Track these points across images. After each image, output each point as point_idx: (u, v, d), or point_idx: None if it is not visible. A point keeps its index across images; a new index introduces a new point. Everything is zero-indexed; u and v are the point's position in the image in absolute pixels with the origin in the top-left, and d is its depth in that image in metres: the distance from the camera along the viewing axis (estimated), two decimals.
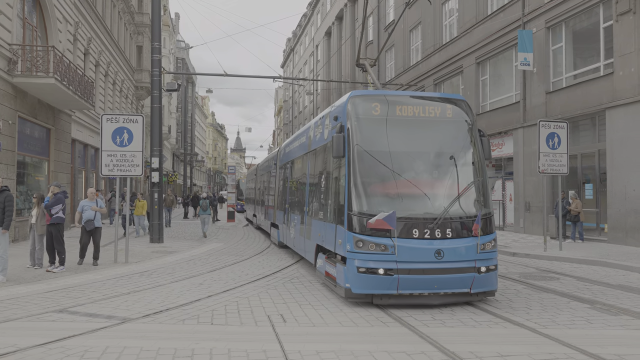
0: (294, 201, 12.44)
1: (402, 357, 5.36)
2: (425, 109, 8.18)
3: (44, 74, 15.61)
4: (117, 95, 29.06)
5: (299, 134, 12.92)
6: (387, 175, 7.72)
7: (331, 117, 8.86)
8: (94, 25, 23.58)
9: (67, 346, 5.52)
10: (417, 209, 7.60)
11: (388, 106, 8.04)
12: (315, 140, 10.21)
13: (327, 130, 9.14)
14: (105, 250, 13.03)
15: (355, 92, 8.34)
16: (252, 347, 5.56)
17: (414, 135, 8.08)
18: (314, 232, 9.79)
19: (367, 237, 7.29)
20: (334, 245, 8.18)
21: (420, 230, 7.34)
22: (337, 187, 8.17)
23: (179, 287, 8.99)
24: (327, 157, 9.00)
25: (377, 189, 7.77)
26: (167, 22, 53.36)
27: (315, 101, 49.45)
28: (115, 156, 11.92)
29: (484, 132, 8.54)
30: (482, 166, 8.20)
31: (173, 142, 57.86)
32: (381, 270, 7.18)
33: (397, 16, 29.61)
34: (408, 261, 7.21)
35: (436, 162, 8.06)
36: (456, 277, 7.34)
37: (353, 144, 7.75)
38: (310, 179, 10.49)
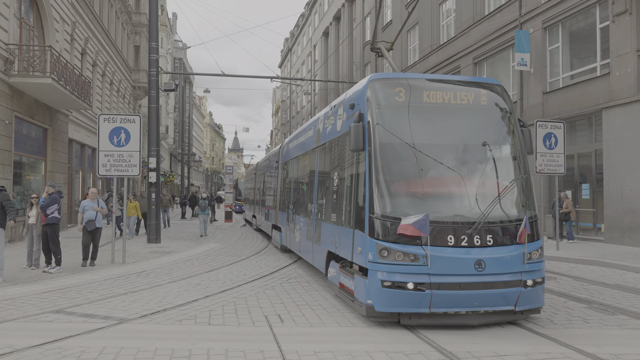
0: (300, 202, 11.42)
1: (400, 357, 5.37)
2: (456, 94, 7.06)
3: (40, 74, 15.57)
4: (114, 95, 29.01)
5: (305, 127, 11.72)
6: (415, 171, 6.68)
7: (346, 105, 7.80)
8: (91, 25, 23.54)
9: (64, 347, 5.51)
10: (451, 211, 6.56)
11: (414, 91, 6.96)
12: (326, 134, 9.12)
13: (341, 121, 8.11)
14: (103, 251, 13.00)
15: (375, 75, 7.18)
16: (249, 348, 5.56)
17: (444, 125, 6.97)
18: (325, 236, 8.72)
19: (393, 245, 6.22)
20: (350, 254, 7.08)
21: (456, 237, 6.30)
22: (355, 185, 7.10)
23: (177, 288, 8.98)
24: (341, 151, 7.98)
25: (403, 187, 6.70)
26: (165, 22, 53.32)
27: (312, 101, 49.46)
28: (112, 156, 11.89)
29: (524, 121, 7.50)
30: (524, 161, 7.11)
31: (170, 142, 57.80)
32: (410, 285, 6.13)
33: (394, 16, 29.67)
34: (443, 274, 6.17)
35: (471, 157, 6.97)
36: (499, 293, 6.28)
37: (374, 135, 6.68)
38: (320, 177, 9.45)
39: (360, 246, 6.67)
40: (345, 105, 7.83)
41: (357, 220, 6.86)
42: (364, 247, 6.51)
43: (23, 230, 10.94)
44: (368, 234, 6.44)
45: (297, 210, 11.69)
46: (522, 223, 6.45)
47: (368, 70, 33.81)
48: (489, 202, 6.57)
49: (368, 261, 6.39)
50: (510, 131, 7.19)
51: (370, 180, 6.56)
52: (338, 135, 8.21)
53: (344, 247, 7.43)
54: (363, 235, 6.58)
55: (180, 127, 58.93)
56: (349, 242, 7.18)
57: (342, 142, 7.88)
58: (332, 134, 8.61)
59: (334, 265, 8.18)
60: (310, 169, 10.43)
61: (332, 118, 8.74)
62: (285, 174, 13.99)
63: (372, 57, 32.90)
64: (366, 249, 6.45)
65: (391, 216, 6.37)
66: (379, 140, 6.70)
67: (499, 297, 6.31)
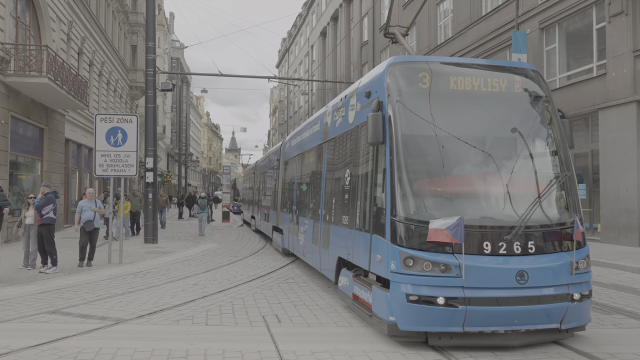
0: (305, 202, 10.65)
1: (397, 357, 5.37)
2: (486, 80, 6.32)
3: (37, 74, 15.53)
4: (111, 95, 28.96)
5: (309, 122, 10.90)
6: (443, 168, 5.95)
7: (360, 93, 7.03)
8: (88, 25, 23.49)
9: (60, 347, 5.49)
10: (486, 213, 5.84)
11: (439, 77, 6.24)
12: (335, 127, 8.35)
13: (354, 112, 7.30)
14: (99, 251, 12.97)
15: (395, 58, 6.41)
16: (246, 348, 5.55)
17: (474, 115, 6.25)
18: (335, 241, 7.95)
19: (420, 253, 5.46)
20: (367, 262, 6.30)
21: (493, 244, 5.55)
22: (372, 184, 6.34)
23: (174, 288, 8.97)
24: (354, 146, 7.20)
25: (430, 186, 5.94)
26: (162, 21, 53.24)
27: (310, 101, 49.46)
28: (109, 156, 11.88)
29: (564, 112, 6.78)
30: (566, 156, 6.36)
31: (168, 142, 57.72)
32: (441, 300, 5.36)
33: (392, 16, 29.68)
34: (479, 287, 5.42)
35: (506, 151, 6.24)
36: (544, 309, 5.52)
37: (396, 126, 5.91)
38: (328, 175, 8.67)
39: (380, 254, 5.90)
40: (360, 94, 7.07)
41: (376, 224, 6.11)
42: (385, 255, 5.77)
43: (19, 231, 10.85)
44: (390, 240, 5.67)
45: (301, 212, 10.96)
46: (565, 227, 5.82)
47: (365, 70, 33.82)
48: (529, 203, 5.81)
49: (390, 271, 5.62)
50: (548, 122, 6.46)
51: (392, 177, 5.79)
52: (350, 128, 7.44)
53: (359, 254, 6.68)
54: (383, 241, 5.82)
55: (177, 127, 58.89)
56: (365, 248, 6.43)
57: (356, 135, 7.13)
58: (343, 127, 7.86)
59: (346, 273, 7.36)
60: (316, 166, 9.73)
61: (343, 110, 7.96)
62: (287, 172, 13.29)
63: (370, 57, 32.92)
64: (387, 258, 5.69)
65: (418, 219, 5.61)
66: (402, 132, 5.91)
67: (543, 313, 5.54)
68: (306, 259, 10.37)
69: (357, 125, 7.06)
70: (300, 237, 10.84)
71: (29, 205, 10.73)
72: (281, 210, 13.74)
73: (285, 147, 14.08)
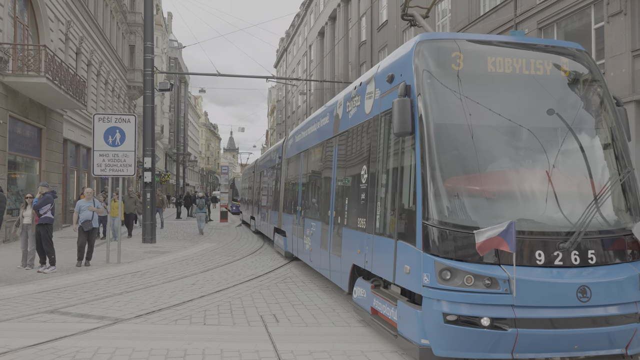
0: (311, 202, 9.91)
1: (395, 357, 5.38)
2: (529, 62, 5.48)
3: (35, 73, 15.52)
4: (109, 94, 28.92)
5: (316, 115, 10.03)
6: (484, 162, 5.16)
7: (381, 78, 6.19)
8: (86, 25, 23.46)
9: (59, 347, 5.49)
10: (537, 217, 4.95)
11: (475, 57, 5.45)
12: (348, 119, 7.54)
13: (372, 100, 6.47)
14: (98, 251, 12.96)
15: (424, 35, 5.59)
16: (244, 347, 5.56)
17: (516, 102, 5.46)
18: (349, 246, 7.13)
19: (460, 264, 4.66)
20: (391, 272, 5.46)
21: (547, 253, 4.74)
22: (397, 181, 5.49)
23: (172, 288, 8.97)
24: (372, 139, 6.34)
25: (469, 184, 5.11)
26: (160, 21, 53.20)
27: (308, 101, 49.47)
28: (107, 156, 11.88)
29: (620, 99, 5.93)
30: (625, 150, 5.51)
31: (166, 142, 57.67)
32: (486, 321, 4.56)
33: (390, 17, 29.71)
34: (532, 305, 4.61)
35: (556, 144, 5.35)
36: (608, 331, 4.68)
37: (428, 114, 5.08)
38: (340, 173, 7.84)
39: (409, 264, 5.08)
40: (380, 79, 6.24)
41: (403, 228, 5.30)
42: (415, 266, 4.95)
43: (17, 230, 10.83)
44: (422, 248, 4.85)
45: (307, 213, 10.16)
46: (629, 233, 5.01)
47: (364, 70, 33.86)
48: (586, 204, 4.98)
49: (422, 285, 4.80)
50: (602, 110, 5.61)
51: (424, 174, 4.96)
52: (367, 119, 6.59)
53: (380, 262, 5.86)
54: (413, 249, 5.00)
55: (175, 126, 58.91)
56: (387, 257, 5.57)
57: (374, 126, 6.29)
58: (358, 118, 7.03)
59: (363, 284, 6.54)
60: (324, 163, 8.90)
61: (358, 99, 7.11)
62: (291, 171, 12.55)
63: (368, 56, 32.94)
64: (419, 269, 4.87)
65: (456, 224, 4.81)
66: (434, 121, 5.08)
67: (606, 337, 4.71)
68: (313, 264, 9.59)
69: (376, 115, 6.24)
70: (306, 241, 10.08)
71: (26, 205, 10.70)
72: (284, 210, 13.11)
73: (288, 144, 13.36)
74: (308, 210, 10.10)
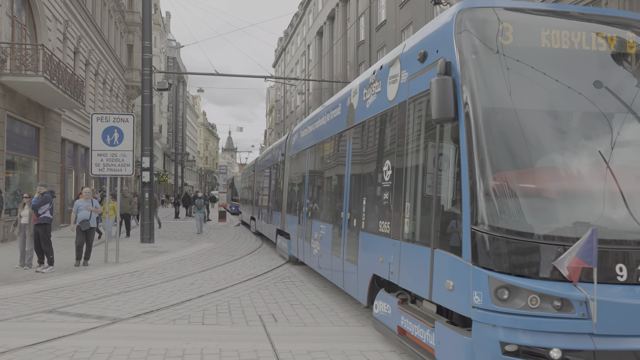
0: (320, 202, 9.06)
1: (393, 356, 5.39)
2: (590, 37, 4.58)
3: (33, 73, 15.49)
4: (107, 94, 28.90)
5: (326, 107, 9.13)
6: (546, 155, 4.31)
7: (409, 58, 5.34)
8: (84, 24, 23.44)
9: (57, 347, 5.49)
10: (615, 222, 4.09)
11: (526, 29, 4.57)
12: (365, 108, 6.66)
13: (396, 84, 5.60)
14: (96, 251, 12.95)
15: (465, 3, 4.65)
16: (243, 347, 5.56)
17: (577, 82, 4.50)
18: (368, 254, 6.28)
19: (522, 281, 3.81)
20: (427, 288, 4.60)
21: (630, 267, 3.89)
22: (434, 177, 4.65)
23: (170, 287, 8.96)
24: (397, 128, 5.48)
25: (529, 181, 4.24)
26: (158, 20, 53.17)
27: (306, 101, 49.47)
28: (105, 155, 11.88)
29: None
30: None
31: (164, 142, 57.66)
32: (556, 353, 3.75)
33: (388, 16, 29.73)
34: (617, 334, 3.79)
35: (630, 134, 4.49)
36: None
37: (475, 96, 4.23)
38: (355, 169, 7.00)
39: (453, 278, 4.22)
40: (407, 59, 5.39)
41: (443, 234, 4.44)
42: (462, 282, 4.09)
43: (15, 230, 10.80)
44: (471, 260, 4.00)
45: (315, 214, 9.33)
46: None
47: (362, 69, 33.88)
48: None
49: (472, 306, 3.95)
50: None
51: (472, 168, 4.10)
52: (390, 107, 5.75)
53: (411, 274, 5.01)
54: (458, 261, 4.14)
55: (173, 126, 58.89)
56: (421, 268, 4.72)
57: (400, 114, 5.43)
58: (379, 106, 6.16)
59: (387, 298, 5.67)
60: (336, 159, 8.07)
61: (378, 85, 6.22)
62: (296, 168, 11.68)
63: (367, 56, 32.95)
64: (467, 286, 4.02)
65: (518, 230, 3.92)
66: (484, 104, 4.25)
67: None
68: (322, 271, 8.74)
69: (403, 102, 5.39)
70: (313, 245, 9.24)
71: (24, 205, 10.67)
72: (287, 211, 12.32)
73: (292, 140, 12.43)
74: (316, 211, 9.30)
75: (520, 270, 3.89)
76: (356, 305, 7.64)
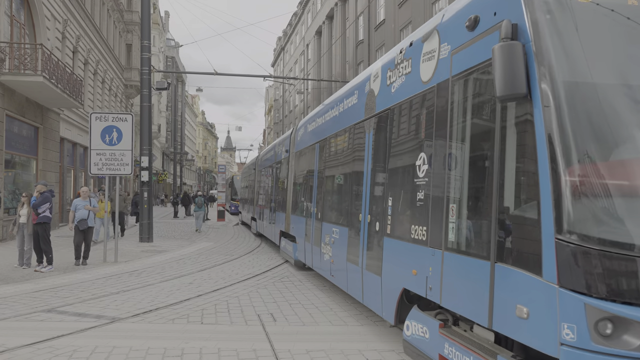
0: (333, 202, 8.17)
1: (392, 355, 5.40)
2: None
3: (32, 72, 15.49)
4: (106, 93, 28.88)
5: (339, 96, 8.12)
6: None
7: (451, 27, 4.48)
8: (83, 23, 23.42)
9: (56, 346, 5.49)
10: None
11: None
12: (390, 94, 5.70)
13: (434, 62, 4.68)
14: (95, 250, 12.95)
15: None
16: (242, 347, 5.56)
17: None
18: (395, 264, 5.36)
19: (633, 312, 2.88)
20: (486, 313, 3.67)
21: None
22: (494, 172, 3.68)
23: (169, 287, 8.97)
24: (436, 114, 4.49)
25: (636, 176, 3.23)
26: (157, 20, 53.14)
27: (305, 100, 49.47)
28: (104, 155, 11.88)
29: None
30: None
31: (163, 141, 57.63)
32: None
33: (387, 16, 29.72)
34: None
35: None
36: None
37: (555, 67, 3.32)
38: (377, 164, 6.04)
39: (528, 304, 3.28)
40: (449, 29, 4.52)
41: (510, 245, 3.53)
42: (544, 310, 3.17)
43: (14, 230, 10.78)
44: (557, 281, 3.06)
45: (326, 215, 8.45)
46: None
47: (361, 69, 33.86)
48: None
49: (562, 344, 3.02)
50: None
51: (554, 159, 3.18)
52: (425, 89, 4.82)
53: (460, 294, 4.06)
54: (536, 281, 3.21)
55: (172, 125, 58.88)
56: (475, 286, 3.81)
57: (440, 97, 4.50)
58: (408, 89, 5.23)
59: (424, 320, 4.68)
60: (352, 153, 7.12)
61: (407, 65, 5.28)
62: (302, 165, 10.76)
63: (365, 56, 32.95)
64: (551, 315, 3.09)
65: (623, 242, 3.02)
66: (565, 77, 3.34)
67: None
68: (336, 280, 7.77)
69: (444, 81, 4.46)
70: (324, 250, 8.35)
71: (23, 204, 10.63)
72: (293, 212, 11.39)
73: (297, 135, 11.49)
74: (328, 212, 8.38)
75: (630, 296, 2.92)
76: (355, 305, 7.64)
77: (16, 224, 10.69)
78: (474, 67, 4.05)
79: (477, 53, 3.97)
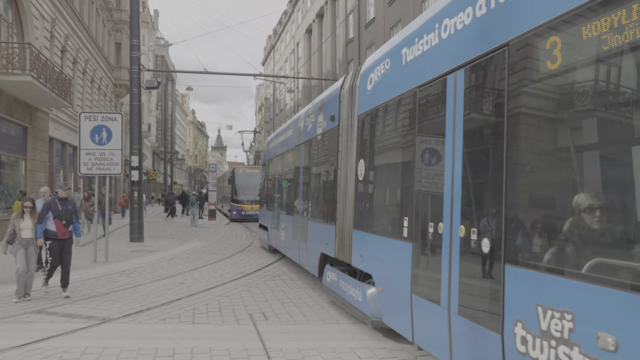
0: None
1: (384, 353, 5.42)
2: None
3: (20, 72, 15.34)
4: (95, 93, 28.68)
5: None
6: None
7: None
8: (72, 22, 23.23)
9: (46, 347, 5.46)
10: None
11: None
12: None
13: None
14: (85, 250, 12.87)
15: None
16: (233, 346, 5.56)
17: None
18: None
19: None
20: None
21: None
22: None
23: (160, 286, 8.93)
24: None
25: None
26: (146, 18, 52.83)
27: (296, 99, 49.42)
28: (94, 154, 11.80)
29: None
30: None
31: (153, 140, 57.34)
32: None
33: (377, 14, 29.74)
34: None
35: None
36: None
37: None
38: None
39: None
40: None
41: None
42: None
43: (9, 249, 7.76)
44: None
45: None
46: None
47: (351, 68, 33.85)
48: None
49: None
50: None
51: None
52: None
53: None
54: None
55: (162, 125, 58.51)
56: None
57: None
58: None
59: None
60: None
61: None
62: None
63: (356, 54, 32.97)
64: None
65: None
66: None
67: None
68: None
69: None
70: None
71: (23, 214, 7.83)
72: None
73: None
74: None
75: None
76: None
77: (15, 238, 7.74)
78: None
79: None
